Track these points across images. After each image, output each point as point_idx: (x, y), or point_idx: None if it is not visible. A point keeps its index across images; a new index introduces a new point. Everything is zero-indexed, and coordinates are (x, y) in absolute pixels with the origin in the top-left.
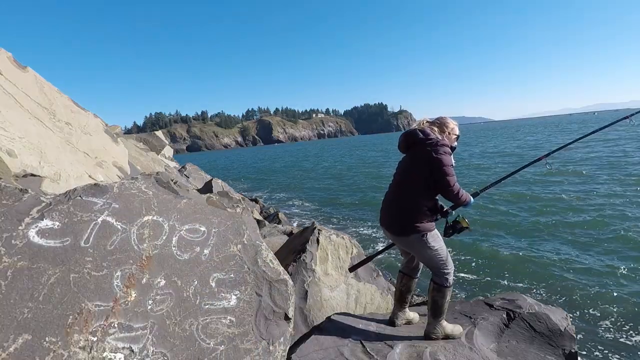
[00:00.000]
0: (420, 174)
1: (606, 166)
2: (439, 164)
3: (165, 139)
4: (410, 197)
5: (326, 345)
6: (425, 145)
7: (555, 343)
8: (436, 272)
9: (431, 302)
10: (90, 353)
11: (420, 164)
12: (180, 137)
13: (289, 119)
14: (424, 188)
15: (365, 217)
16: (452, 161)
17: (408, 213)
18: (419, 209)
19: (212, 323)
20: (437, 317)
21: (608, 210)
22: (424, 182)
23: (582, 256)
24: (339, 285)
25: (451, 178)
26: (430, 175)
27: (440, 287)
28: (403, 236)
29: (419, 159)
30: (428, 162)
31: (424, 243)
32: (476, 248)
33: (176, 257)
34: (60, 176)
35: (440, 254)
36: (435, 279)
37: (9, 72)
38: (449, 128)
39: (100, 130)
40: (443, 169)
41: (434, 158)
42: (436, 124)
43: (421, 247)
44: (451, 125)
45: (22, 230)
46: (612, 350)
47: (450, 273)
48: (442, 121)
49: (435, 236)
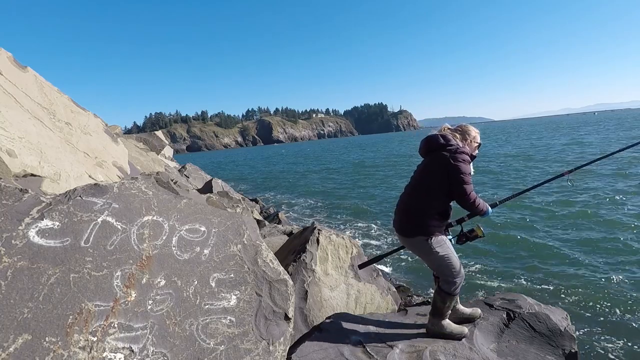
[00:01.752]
0: (436, 178)
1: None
2: (457, 171)
3: (165, 139)
4: (422, 200)
5: (326, 345)
6: (445, 151)
7: (555, 343)
8: (443, 277)
9: (433, 301)
10: (90, 353)
11: (438, 169)
12: (180, 137)
13: (289, 119)
14: (438, 193)
15: (366, 217)
16: (471, 169)
17: (416, 215)
18: (428, 212)
19: (212, 323)
20: (436, 317)
21: (609, 210)
22: (438, 187)
23: (583, 256)
24: (339, 285)
25: (467, 186)
26: (447, 181)
27: (442, 293)
28: (409, 237)
29: (437, 164)
30: (445, 168)
31: (428, 247)
32: (476, 248)
33: (176, 257)
34: (60, 176)
35: (447, 260)
36: (441, 284)
37: (9, 72)
38: (470, 136)
39: (100, 130)
40: (460, 176)
41: (452, 165)
42: (458, 131)
43: (425, 250)
44: (473, 134)
45: (22, 230)
46: (612, 350)
47: (457, 283)
48: (464, 129)
49: (442, 242)
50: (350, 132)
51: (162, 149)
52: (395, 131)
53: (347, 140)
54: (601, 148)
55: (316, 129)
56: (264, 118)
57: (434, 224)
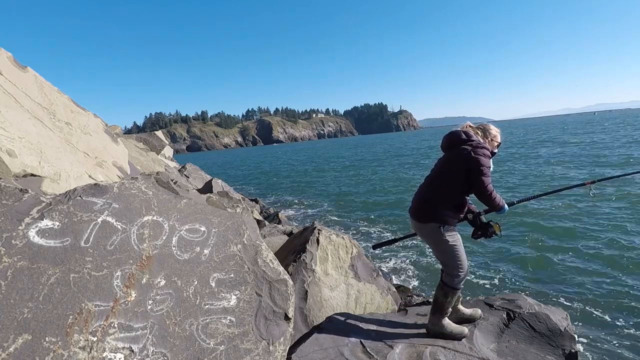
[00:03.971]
0: (456, 171)
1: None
2: (477, 163)
3: (165, 139)
4: (440, 190)
5: (326, 345)
6: (466, 145)
7: (555, 343)
8: (447, 270)
9: (434, 297)
10: (90, 353)
11: (458, 162)
12: (180, 137)
13: (289, 119)
14: (456, 185)
15: (366, 216)
16: (490, 164)
17: (432, 202)
18: (445, 202)
19: (212, 323)
20: (436, 314)
21: (608, 210)
22: (456, 180)
23: (583, 256)
24: (339, 285)
25: (486, 179)
26: (466, 174)
27: (445, 287)
28: (422, 223)
29: (457, 157)
30: (466, 161)
31: (440, 235)
32: (476, 248)
33: (176, 257)
34: (60, 176)
35: (455, 252)
36: (444, 277)
37: (9, 72)
38: (491, 135)
39: (100, 130)
40: (480, 168)
41: (472, 157)
42: (480, 129)
43: (437, 238)
44: (494, 132)
45: (22, 230)
46: (612, 350)
47: (461, 277)
48: (485, 127)
49: (453, 233)
50: (350, 132)
51: (162, 149)
52: (395, 131)
53: (347, 140)
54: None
55: (316, 129)
56: (264, 118)
57: (449, 214)
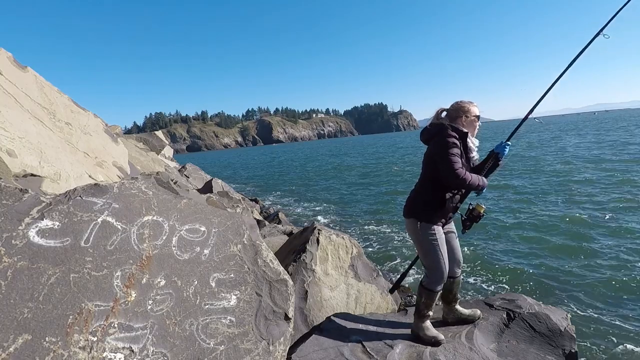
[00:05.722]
0: (427, 164)
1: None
2: (437, 148)
3: (165, 139)
4: (422, 185)
5: (326, 345)
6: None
7: (555, 343)
8: (425, 270)
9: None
10: (90, 353)
11: (427, 156)
12: (180, 137)
13: (289, 119)
14: (430, 179)
15: (366, 216)
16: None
17: (414, 198)
18: (424, 197)
19: (212, 323)
20: (415, 314)
21: (610, 211)
22: (430, 173)
23: (583, 256)
24: (339, 285)
25: (450, 161)
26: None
27: (420, 286)
28: (405, 217)
29: (428, 150)
30: (431, 151)
31: (417, 231)
32: (476, 248)
33: (176, 257)
34: (60, 176)
35: (431, 252)
36: (422, 277)
37: (9, 72)
38: (464, 110)
39: (100, 130)
40: (440, 153)
41: (433, 143)
42: (449, 111)
43: (415, 234)
44: (466, 107)
45: (22, 230)
46: (612, 351)
47: (435, 279)
48: (455, 106)
49: (431, 230)
50: (350, 132)
51: (162, 149)
52: (395, 131)
53: (347, 140)
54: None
55: (316, 129)
56: (264, 118)
57: (429, 209)
